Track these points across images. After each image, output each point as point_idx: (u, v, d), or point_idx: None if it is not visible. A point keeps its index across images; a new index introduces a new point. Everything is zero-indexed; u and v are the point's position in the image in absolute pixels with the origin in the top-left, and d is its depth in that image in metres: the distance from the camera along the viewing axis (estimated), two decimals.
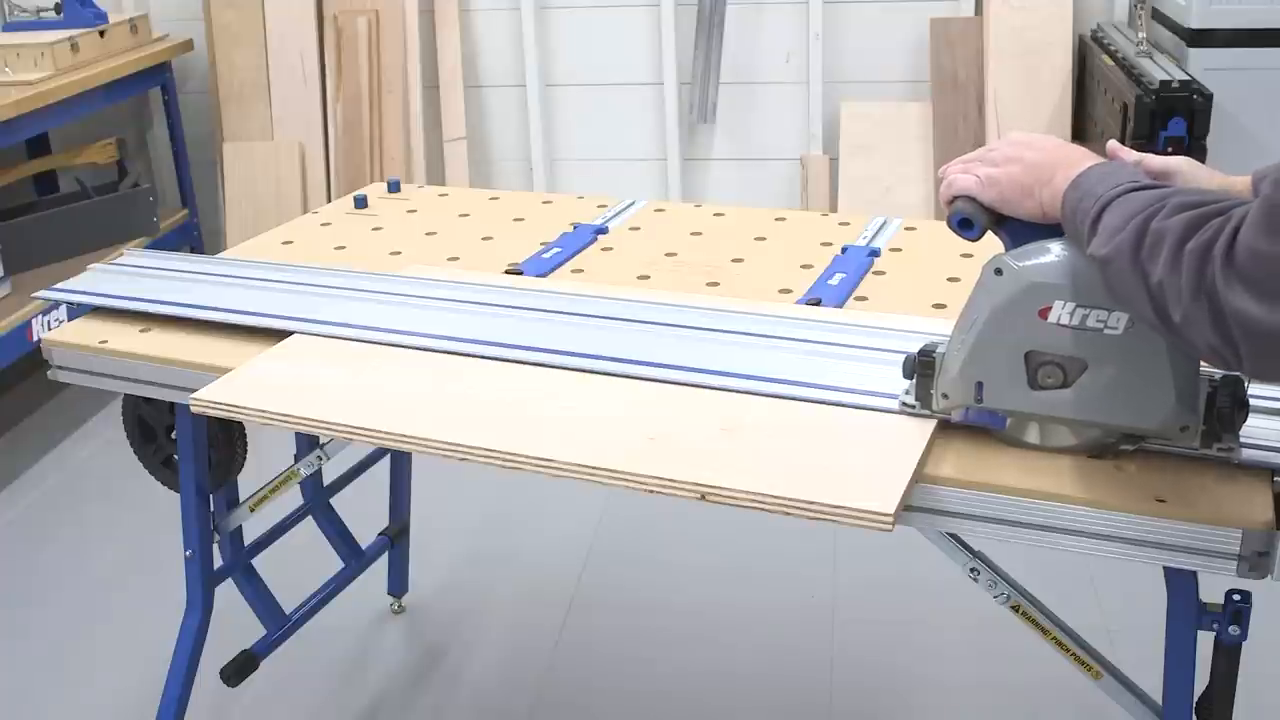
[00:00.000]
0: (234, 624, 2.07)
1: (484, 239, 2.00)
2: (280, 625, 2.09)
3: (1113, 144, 1.23)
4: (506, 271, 1.83)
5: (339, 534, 2.27)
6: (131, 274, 1.85)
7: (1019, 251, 1.19)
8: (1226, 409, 1.17)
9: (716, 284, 1.75)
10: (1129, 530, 1.16)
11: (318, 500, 2.23)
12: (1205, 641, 1.28)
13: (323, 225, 2.11)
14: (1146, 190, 1.02)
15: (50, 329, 2.22)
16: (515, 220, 2.09)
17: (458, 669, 2.38)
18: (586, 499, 2.78)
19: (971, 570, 1.32)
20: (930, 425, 1.28)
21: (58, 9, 3.64)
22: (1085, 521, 1.17)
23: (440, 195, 2.28)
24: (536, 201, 2.24)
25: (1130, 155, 1.21)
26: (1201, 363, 1.16)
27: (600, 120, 3.90)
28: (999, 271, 1.19)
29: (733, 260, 1.85)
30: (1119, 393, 1.18)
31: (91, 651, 2.46)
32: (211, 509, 1.91)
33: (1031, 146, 1.19)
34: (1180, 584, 1.25)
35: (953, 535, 1.30)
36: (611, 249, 1.92)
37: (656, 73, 3.81)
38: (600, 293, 1.68)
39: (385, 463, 2.36)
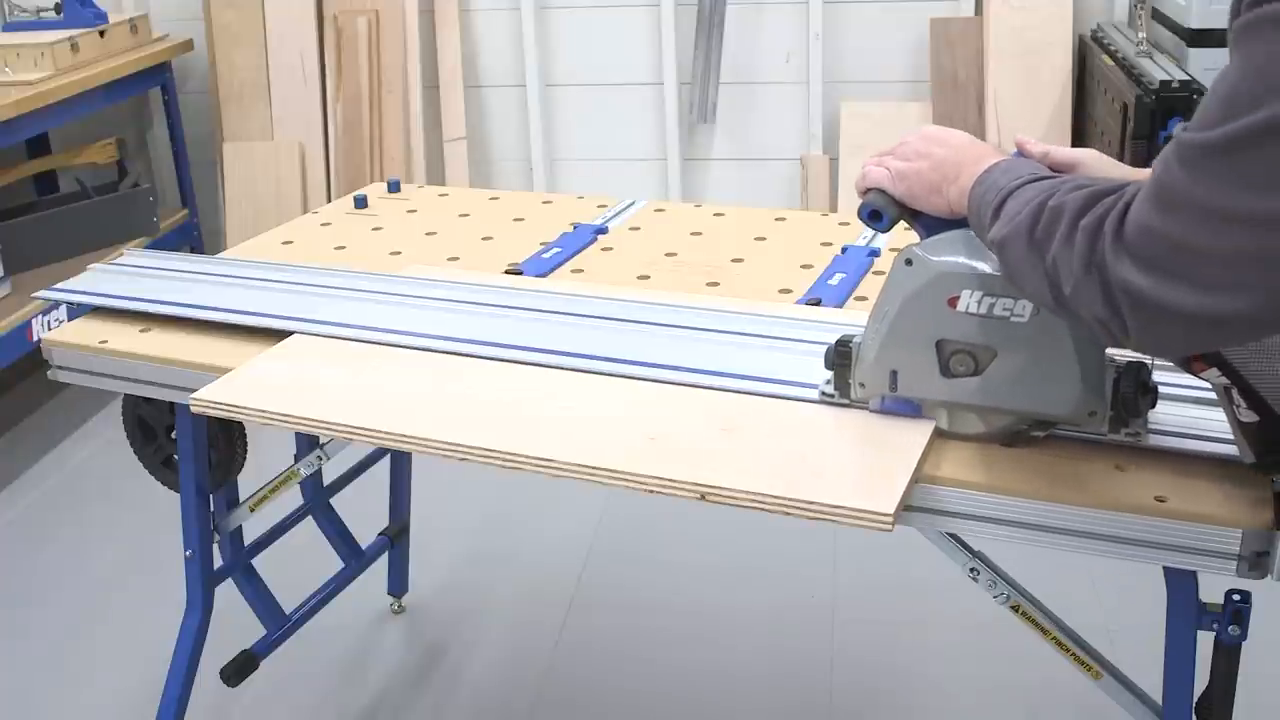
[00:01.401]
0: (234, 624, 2.07)
1: (484, 239, 2.00)
2: (280, 625, 2.09)
3: (1020, 136, 1.26)
4: (506, 271, 1.83)
5: (339, 534, 2.27)
6: (131, 274, 1.85)
7: (929, 243, 1.23)
8: (1130, 394, 1.20)
9: (716, 284, 1.75)
10: (1129, 530, 1.16)
11: (318, 500, 2.23)
12: (1205, 641, 1.28)
13: (323, 225, 2.12)
14: (1047, 179, 1.06)
15: (50, 329, 2.22)
16: (515, 220, 2.09)
17: (458, 669, 2.38)
18: (586, 499, 2.78)
19: (971, 570, 1.32)
20: (930, 426, 1.28)
21: (58, 9, 3.64)
22: (1085, 521, 1.17)
23: (440, 195, 2.28)
24: (536, 201, 2.24)
25: (1038, 148, 1.24)
26: (1107, 350, 1.19)
27: (600, 120, 3.90)
28: (909, 262, 1.23)
29: (733, 260, 1.85)
30: (1027, 380, 1.21)
31: (91, 651, 2.46)
32: (211, 509, 1.91)
33: (942, 143, 1.21)
34: (1180, 584, 1.25)
35: (953, 535, 1.30)
36: (611, 249, 1.92)
37: (656, 73, 3.81)
38: (600, 293, 1.68)
39: (385, 463, 2.36)
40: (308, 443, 2.05)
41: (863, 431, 1.29)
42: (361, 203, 2.19)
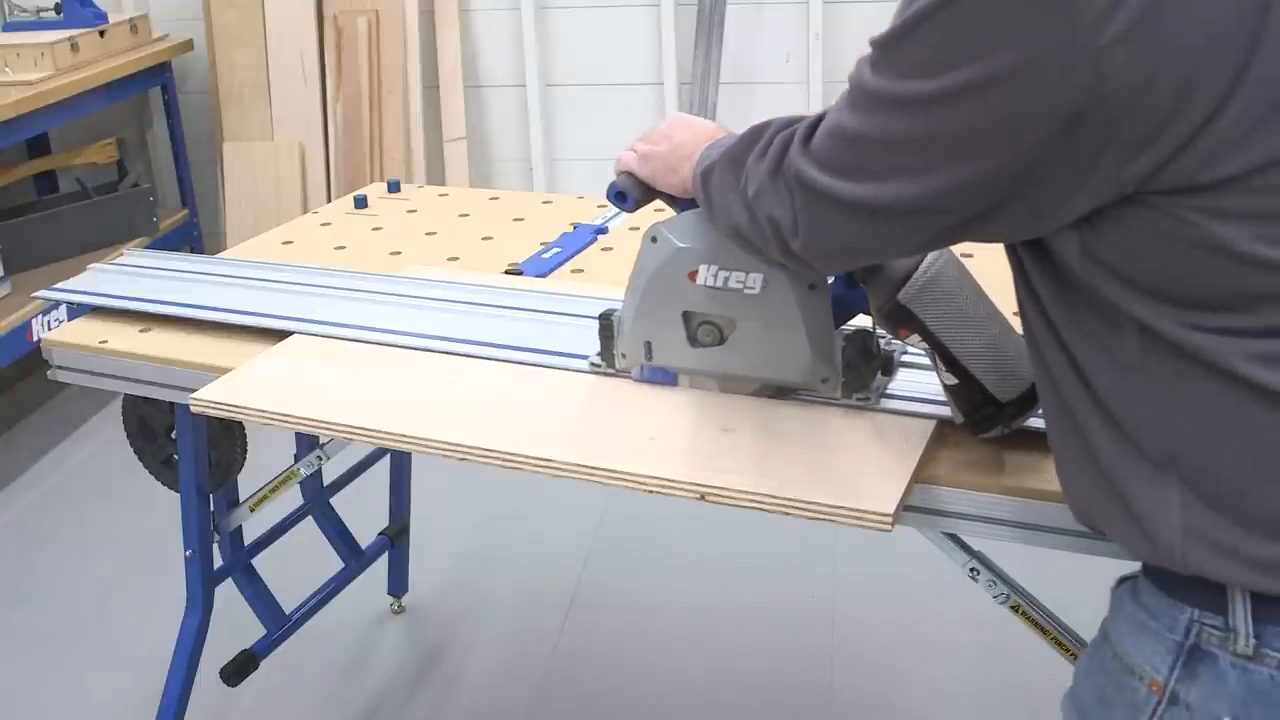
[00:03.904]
0: (234, 624, 2.07)
1: (484, 239, 2.00)
2: (280, 625, 2.09)
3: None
4: (506, 271, 1.83)
5: (339, 534, 2.27)
6: (131, 274, 1.85)
7: (671, 220, 1.31)
8: (854, 359, 1.29)
9: None
10: None
11: (318, 500, 2.23)
12: None
13: (323, 225, 2.11)
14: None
15: (50, 329, 2.22)
16: (515, 220, 2.09)
17: (458, 669, 2.38)
18: (586, 499, 2.78)
19: (971, 570, 1.32)
20: (929, 425, 1.28)
21: (58, 9, 3.64)
22: None
23: (440, 195, 2.28)
24: (536, 201, 2.24)
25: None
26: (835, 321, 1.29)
27: (600, 120, 3.90)
28: (654, 239, 1.32)
29: None
30: (764, 348, 1.30)
31: (91, 651, 2.46)
32: (211, 509, 1.91)
33: (683, 128, 1.27)
34: None
35: (952, 535, 1.30)
36: (611, 249, 1.92)
37: (656, 73, 3.81)
38: (600, 293, 1.68)
39: (385, 463, 2.36)
40: (308, 443, 2.05)
41: (862, 431, 1.29)
42: (361, 203, 2.19)
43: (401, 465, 2.40)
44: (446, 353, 1.52)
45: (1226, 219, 0.79)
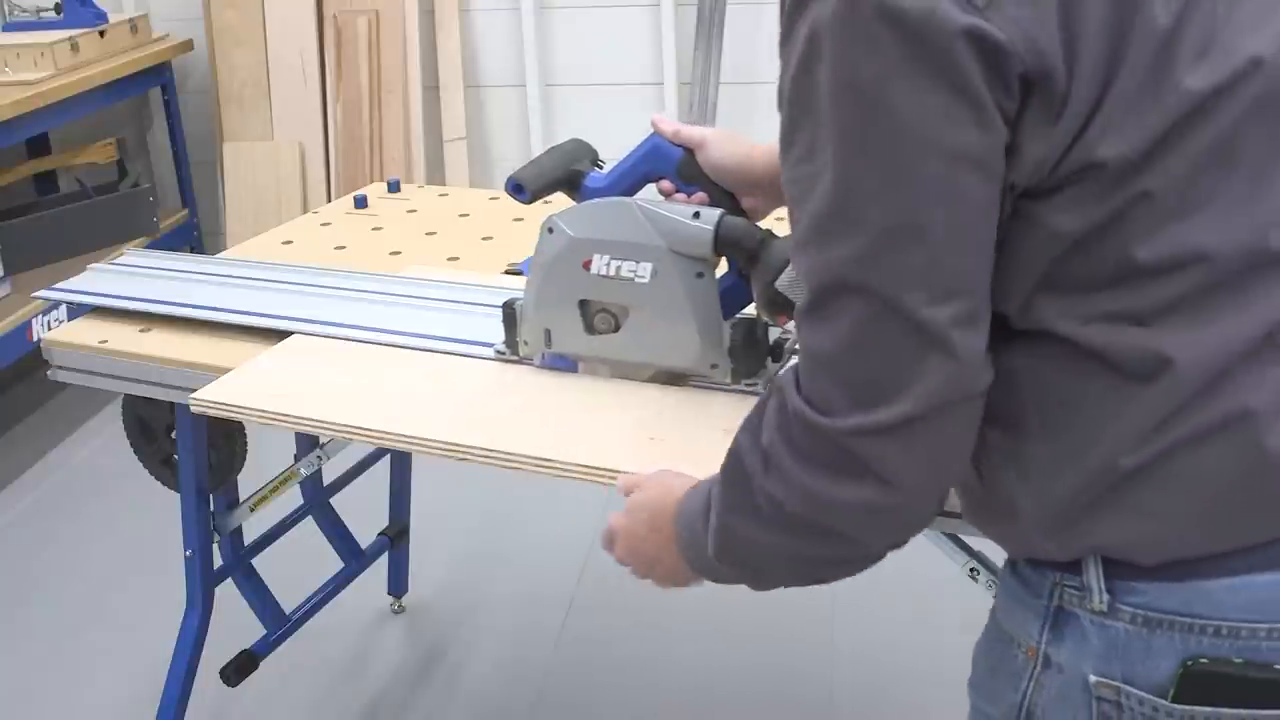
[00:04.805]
0: (234, 624, 2.07)
1: (484, 239, 2.00)
2: (280, 625, 2.09)
3: (655, 116, 1.36)
4: (506, 271, 1.83)
5: (339, 534, 2.27)
6: (131, 274, 1.85)
7: (567, 211, 1.36)
8: (739, 346, 1.32)
9: None
10: None
11: (318, 500, 2.23)
12: None
13: (323, 225, 2.11)
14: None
15: (50, 329, 2.23)
16: (515, 220, 2.09)
17: (458, 669, 2.38)
18: (586, 499, 2.78)
19: (971, 570, 1.33)
20: None
21: (58, 9, 3.64)
22: None
23: (440, 195, 2.28)
24: (537, 201, 2.23)
25: (668, 125, 1.35)
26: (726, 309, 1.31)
27: (600, 120, 3.90)
28: (550, 230, 1.36)
29: None
30: (656, 335, 1.35)
31: (91, 651, 2.46)
32: (211, 509, 1.91)
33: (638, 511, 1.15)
34: None
35: (952, 535, 1.30)
36: None
37: (657, 73, 3.80)
38: None
39: (385, 463, 2.36)
40: (308, 443, 2.05)
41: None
42: (361, 203, 2.19)
43: (401, 465, 2.40)
44: (447, 353, 1.52)
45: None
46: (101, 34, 3.57)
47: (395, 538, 2.42)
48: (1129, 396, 0.83)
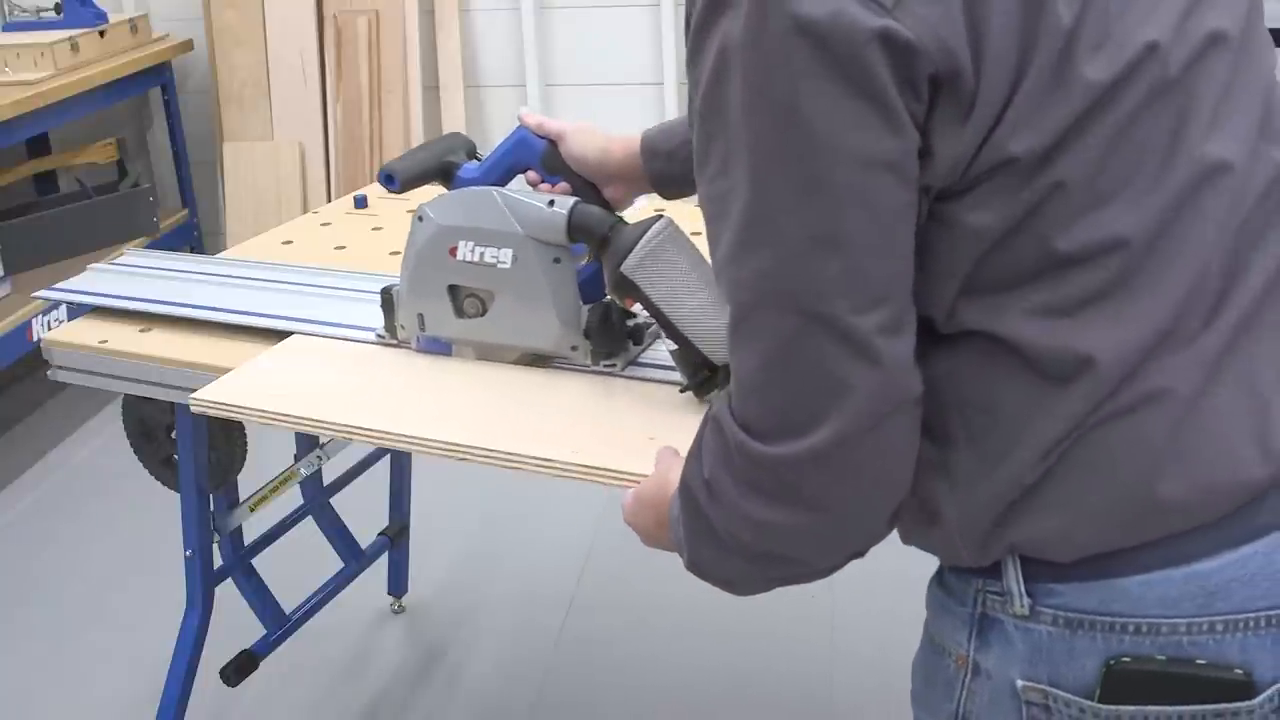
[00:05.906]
0: (234, 624, 2.07)
1: None
2: (280, 625, 2.09)
3: (522, 110, 1.40)
4: None
5: (339, 534, 2.27)
6: (131, 274, 1.85)
7: (435, 200, 1.41)
8: (595, 329, 1.38)
9: None
10: None
11: (318, 500, 2.23)
12: None
13: (323, 225, 2.11)
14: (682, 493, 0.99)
15: (50, 329, 2.22)
16: None
17: (458, 669, 2.38)
18: (586, 499, 2.78)
19: None
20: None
21: (58, 9, 3.64)
22: None
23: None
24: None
25: (533, 119, 1.42)
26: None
27: (600, 120, 3.87)
28: (420, 218, 1.41)
29: None
30: (519, 319, 1.40)
31: (91, 651, 2.46)
32: (211, 509, 1.91)
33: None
34: None
35: None
36: None
37: (657, 73, 3.80)
38: None
39: (385, 463, 2.36)
40: (308, 443, 2.05)
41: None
42: (361, 203, 2.19)
43: (401, 465, 2.40)
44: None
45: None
46: (101, 34, 3.57)
47: (395, 538, 2.42)
48: (1048, 397, 0.83)
